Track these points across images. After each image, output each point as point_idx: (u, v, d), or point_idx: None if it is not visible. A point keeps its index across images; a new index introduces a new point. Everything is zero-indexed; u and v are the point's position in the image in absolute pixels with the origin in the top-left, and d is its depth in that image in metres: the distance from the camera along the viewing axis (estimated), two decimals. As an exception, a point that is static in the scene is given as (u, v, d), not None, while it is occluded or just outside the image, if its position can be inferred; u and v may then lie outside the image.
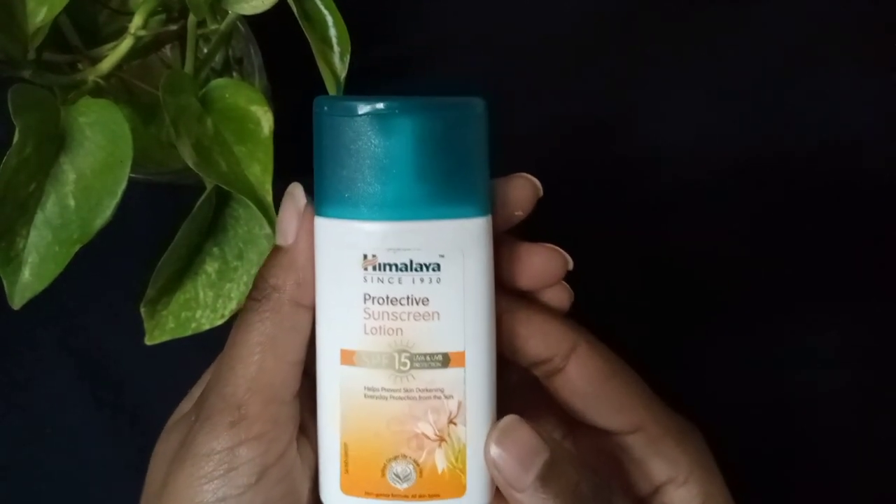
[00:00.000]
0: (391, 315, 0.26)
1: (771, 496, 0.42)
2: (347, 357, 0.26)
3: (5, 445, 0.42)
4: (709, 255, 0.44)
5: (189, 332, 0.34)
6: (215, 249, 0.34)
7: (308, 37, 0.31)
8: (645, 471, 0.30)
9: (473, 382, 0.26)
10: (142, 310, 0.34)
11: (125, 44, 0.32)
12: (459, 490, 0.27)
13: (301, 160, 0.40)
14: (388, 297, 0.26)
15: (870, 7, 0.45)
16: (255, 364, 0.27)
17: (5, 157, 0.28)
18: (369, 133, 0.25)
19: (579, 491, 0.26)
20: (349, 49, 0.31)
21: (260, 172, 0.32)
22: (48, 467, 0.42)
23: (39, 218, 0.29)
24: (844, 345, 0.43)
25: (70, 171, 0.29)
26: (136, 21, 0.32)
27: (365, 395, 0.26)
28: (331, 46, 0.31)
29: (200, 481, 0.26)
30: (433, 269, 0.26)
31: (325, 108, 0.26)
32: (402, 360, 0.26)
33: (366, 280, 0.26)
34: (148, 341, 0.34)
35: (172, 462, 0.27)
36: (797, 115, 0.44)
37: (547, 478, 0.26)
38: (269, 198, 0.32)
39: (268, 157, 0.32)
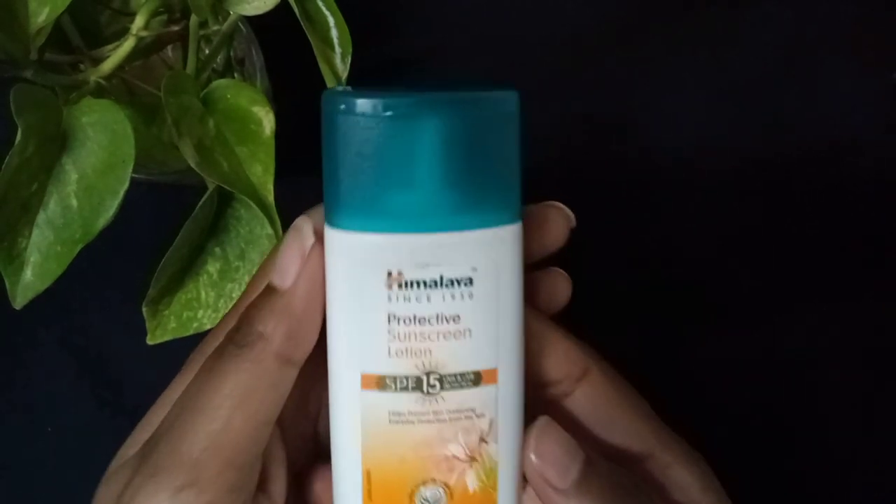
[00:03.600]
0: (419, 336, 0.23)
1: (767, 497, 0.42)
2: (369, 382, 0.24)
3: (5, 445, 0.42)
4: (708, 254, 0.44)
5: (190, 332, 0.34)
6: (217, 249, 0.34)
7: (309, 37, 0.31)
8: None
9: (506, 399, 0.24)
10: (143, 309, 0.34)
11: (127, 44, 0.32)
12: None
13: (302, 160, 0.40)
14: (415, 317, 0.23)
15: (869, 7, 0.45)
16: (219, 420, 0.23)
17: (7, 157, 0.28)
18: (391, 134, 0.22)
19: (622, 485, 0.25)
20: (350, 50, 0.31)
21: (262, 173, 0.32)
22: (48, 467, 0.42)
23: (41, 218, 0.29)
24: (844, 345, 0.43)
25: (72, 171, 0.29)
26: (138, 21, 0.32)
27: (390, 421, 0.24)
28: (332, 47, 0.31)
29: None
30: (465, 285, 0.23)
31: (341, 105, 0.23)
32: (432, 381, 0.24)
33: (390, 300, 0.23)
34: (149, 341, 0.34)
35: None
36: (797, 114, 0.44)
37: (589, 474, 0.24)
38: (271, 198, 0.32)
39: (269, 157, 0.32)
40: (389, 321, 0.23)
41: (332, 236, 0.24)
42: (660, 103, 0.44)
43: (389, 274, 0.23)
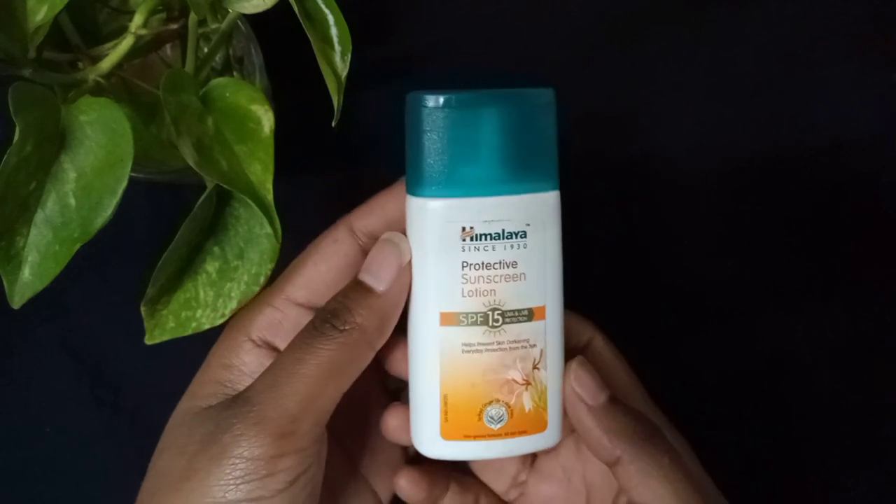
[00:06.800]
0: (486, 279, 0.30)
1: (761, 497, 0.42)
2: (447, 319, 0.30)
3: (5, 445, 0.42)
4: (708, 253, 0.44)
5: (189, 332, 0.34)
6: (216, 249, 0.34)
7: (309, 36, 0.31)
8: None
9: (552, 332, 0.31)
10: (142, 309, 0.34)
11: (125, 42, 0.32)
12: (542, 426, 0.31)
13: (301, 158, 0.40)
14: (483, 263, 0.30)
15: (870, 7, 0.45)
16: (318, 387, 0.29)
17: (6, 156, 0.28)
18: (462, 122, 0.29)
19: (640, 418, 0.30)
20: (350, 48, 0.31)
21: (261, 171, 0.32)
22: (48, 467, 0.42)
23: (40, 216, 0.29)
24: (844, 343, 0.43)
25: (70, 170, 0.29)
26: (137, 20, 0.32)
27: (463, 351, 0.30)
28: (332, 45, 0.31)
29: (237, 481, 0.28)
30: (521, 237, 0.30)
31: (426, 103, 0.30)
32: (495, 317, 0.30)
33: (464, 249, 0.30)
34: (148, 341, 0.34)
35: (197, 456, 0.28)
36: (797, 114, 0.44)
37: (615, 401, 0.30)
38: (270, 197, 0.32)
39: (268, 156, 0.32)
40: (463, 267, 0.30)
41: (418, 203, 0.30)
42: (660, 103, 0.44)
43: (463, 229, 0.30)
